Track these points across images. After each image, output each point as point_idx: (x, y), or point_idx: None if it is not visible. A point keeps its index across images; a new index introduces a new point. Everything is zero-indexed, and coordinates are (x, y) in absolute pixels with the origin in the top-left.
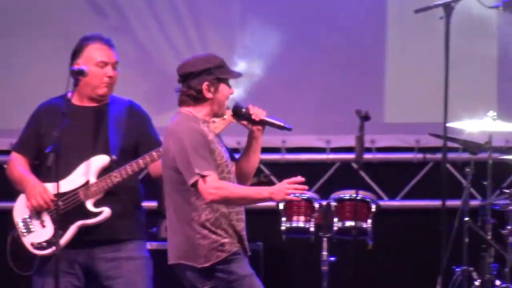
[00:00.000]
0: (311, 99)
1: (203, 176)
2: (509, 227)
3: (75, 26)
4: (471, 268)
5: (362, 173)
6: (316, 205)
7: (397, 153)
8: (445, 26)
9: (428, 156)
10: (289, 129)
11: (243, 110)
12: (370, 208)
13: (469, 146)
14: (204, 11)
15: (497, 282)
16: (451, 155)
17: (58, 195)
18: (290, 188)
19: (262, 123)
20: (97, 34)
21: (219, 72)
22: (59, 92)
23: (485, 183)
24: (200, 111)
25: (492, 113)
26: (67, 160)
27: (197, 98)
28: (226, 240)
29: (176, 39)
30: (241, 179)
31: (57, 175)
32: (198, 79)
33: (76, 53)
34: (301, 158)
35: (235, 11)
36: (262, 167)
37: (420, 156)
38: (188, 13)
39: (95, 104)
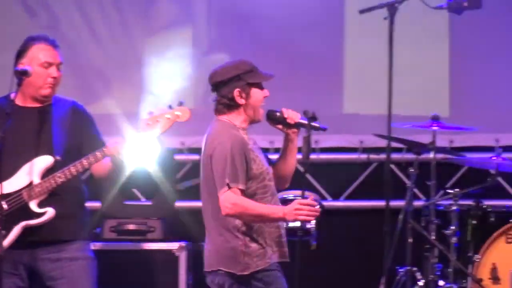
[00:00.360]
0: None
1: (229, 187)
2: (452, 227)
3: (7, 26)
4: (414, 269)
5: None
6: None
7: (341, 153)
8: (389, 26)
9: (372, 156)
10: (324, 130)
11: (277, 114)
12: None
13: (413, 146)
14: (130, 8)
15: (441, 282)
16: (395, 156)
17: (2, 196)
18: (302, 209)
19: (297, 125)
20: (42, 35)
21: (248, 77)
22: None
23: (429, 183)
24: (236, 118)
25: (435, 113)
26: (11, 160)
27: (231, 106)
28: (266, 249)
29: (103, 37)
30: (279, 182)
31: (0, 176)
32: (229, 87)
33: (20, 53)
34: None
35: (163, 9)
36: None
37: (364, 156)
38: (114, 10)
39: (38, 105)
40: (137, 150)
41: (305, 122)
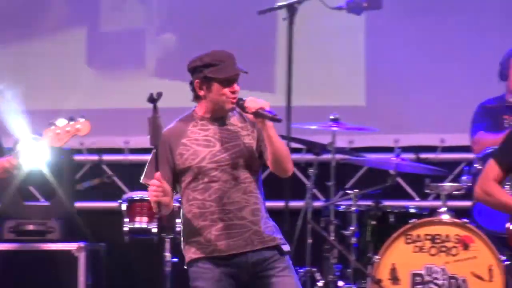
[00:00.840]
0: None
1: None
2: (352, 228)
3: None
4: (314, 269)
5: None
6: None
7: None
8: (288, 27)
9: None
10: (278, 121)
11: (240, 102)
12: None
13: (313, 147)
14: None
15: (340, 283)
16: (294, 156)
17: None
18: (152, 191)
19: (255, 114)
20: None
21: (207, 71)
22: None
23: (328, 184)
24: (201, 109)
25: (335, 114)
26: None
27: (195, 96)
28: (191, 244)
29: None
30: (276, 171)
31: None
32: (192, 77)
33: None
34: (144, 158)
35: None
36: (105, 167)
37: None
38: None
39: None
40: (33, 154)
41: (263, 112)
